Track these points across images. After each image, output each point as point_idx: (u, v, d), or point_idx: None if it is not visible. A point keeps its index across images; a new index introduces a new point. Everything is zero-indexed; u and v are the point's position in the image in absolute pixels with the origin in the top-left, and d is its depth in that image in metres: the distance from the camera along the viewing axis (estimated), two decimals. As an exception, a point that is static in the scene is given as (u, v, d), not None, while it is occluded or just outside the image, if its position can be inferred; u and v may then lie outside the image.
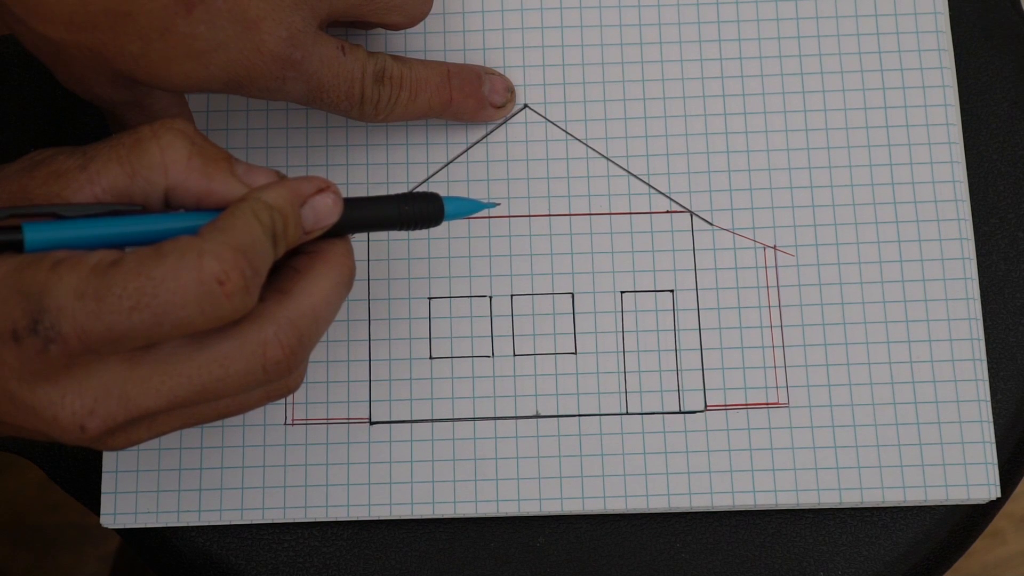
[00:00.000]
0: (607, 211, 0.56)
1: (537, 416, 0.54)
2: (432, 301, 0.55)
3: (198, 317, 0.41)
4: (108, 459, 0.54)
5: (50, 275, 0.40)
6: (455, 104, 0.55)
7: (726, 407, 0.54)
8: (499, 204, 0.55)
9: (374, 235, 0.56)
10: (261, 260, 0.42)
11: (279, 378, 0.44)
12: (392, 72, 0.53)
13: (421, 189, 0.56)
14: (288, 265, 0.45)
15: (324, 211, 0.45)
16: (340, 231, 0.46)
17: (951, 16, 0.59)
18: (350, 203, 0.46)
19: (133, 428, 0.43)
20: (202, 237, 0.41)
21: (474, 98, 0.56)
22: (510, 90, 0.57)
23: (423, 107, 0.54)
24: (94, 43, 0.46)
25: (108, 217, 0.42)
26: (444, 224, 0.56)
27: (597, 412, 0.54)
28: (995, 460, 0.54)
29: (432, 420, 0.54)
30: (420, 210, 0.48)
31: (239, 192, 0.44)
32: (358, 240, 0.56)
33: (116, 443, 0.43)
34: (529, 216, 0.56)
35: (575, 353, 0.55)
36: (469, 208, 0.50)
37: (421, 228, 0.48)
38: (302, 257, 0.45)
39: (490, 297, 0.55)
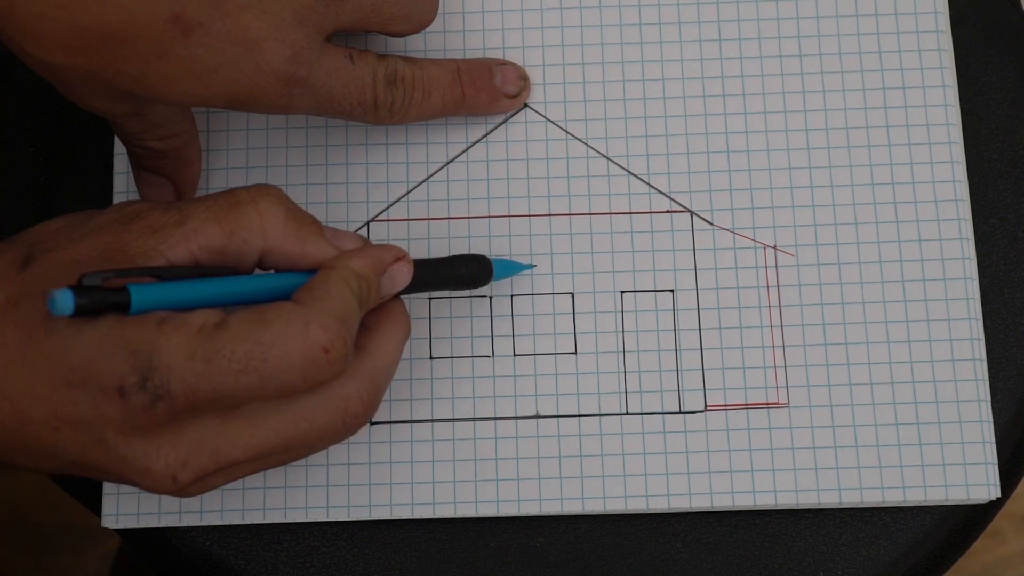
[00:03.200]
0: (607, 211, 0.56)
1: (537, 416, 0.54)
2: (432, 301, 0.55)
3: (300, 381, 0.42)
4: (108, 459, 0.54)
5: (158, 334, 0.41)
6: (468, 99, 0.55)
7: (726, 407, 0.54)
8: (536, 266, 0.56)
9: (373, 235, 0.56)
10: (355, 327, 0.44)
11: (356, 430, 0.46)
12: (404, 74, 0.53)
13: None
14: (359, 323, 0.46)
15: (400, 279, 0.47)
16: (402, 292, 0.48)
17: (951, 16, 0.59)
18: (415, 266, 0.49)
19: (214, 477, 0.44)
20: (305, 306, 0.43)
21: (487, 91, 0.56)
22: (523, 77, 0.57)
23: (437, 105, 0.54)
24: (92, 66, 0.46)
25: (207, 279, 0.44)
26: (444, 224, 0.56)
27: (597, 412, 0.54)
28: (995, 460, 0.54)
29: (432, 420, 0.54)
30: (473, 271, 0.52)
31: (330, 254, 0.46)
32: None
33: (195, 491, 0.44)
34: (529, 216, 0.56)
35: (575, 353, 0.55)
36: (512, 269, 0.55)
37: (471, 288, 0.52)
38: (369, 316, 0.47)
39: (490, 297, 0.55)
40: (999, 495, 0.54)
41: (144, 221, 0.44)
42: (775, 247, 0.56)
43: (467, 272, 0.52)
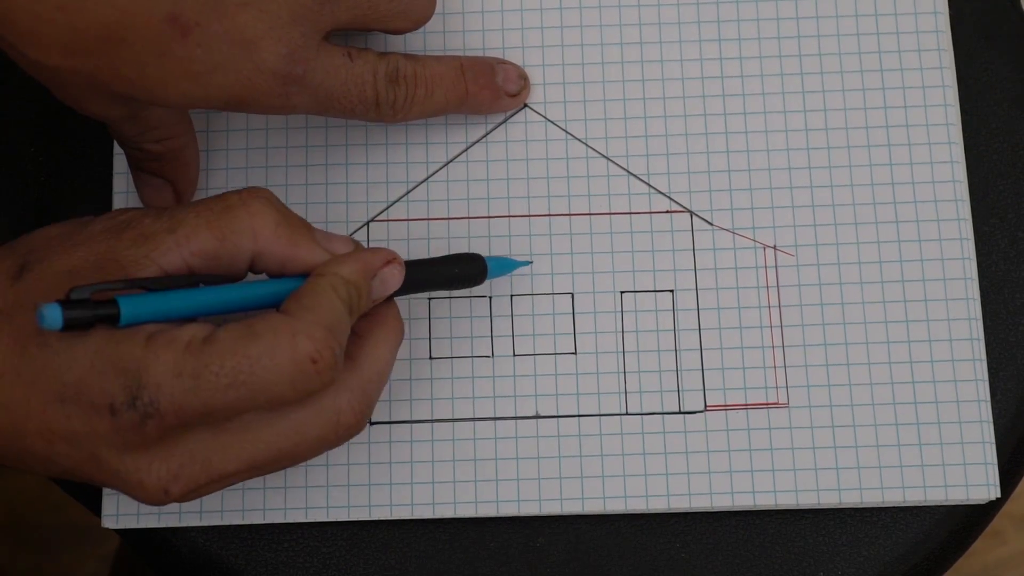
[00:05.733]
0: (607, 211, 0.56)
1: (537, 416, 0.54)
2: (432, 301, 0.55)
3: (290, 393, 0.42)
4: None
5: (146, 351, 0.41)
6: (471, 97, 0.55)
7: (726, 407, 0.54)
8: (532, 262, 0.56)
9: (373, 235, 0.56)
10: (344, 335, 0.44)
11: (349, 438, 0.46)
12: (406, 71, 0.53)
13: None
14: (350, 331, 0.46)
15: (391, 282, 0.47)
16: (395, 294, 0.48)
17: (951, 16, 0.59)
18: (407, 267, 0.49)
19: (206, 487, 0.44)
20: (293, 316, 0.43)
21: (489, 89, 0.56)
22: (523, 77, 0.57)
23: (440, 102, 0.54)
24: (89, 68, 0.46)
25: (195, 288, 0.44)
26: (444, 224, 0.56)
27: (597, 412, 0.54)
28: (995, 460, 0.54)
29: (432, 420, 0.54)
30: (468, 270, 0.51)
31: (322, 258, 0.46)
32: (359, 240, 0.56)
33: (187, 499, 0.45)
34: (529, 216, 0.56)
35: (575, 353, 0.55)
36: (507, 267, 0.54)
37: (467, 287, 0.52)
38: (360, 322, 0.47)
39: (490, 297, 0.55)
40: (999, 495, 0.54)
41: (136, 229, 0.44)
42: (775, 247, 0.56)
43: (461, 271, 0.51)
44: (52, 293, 0.43)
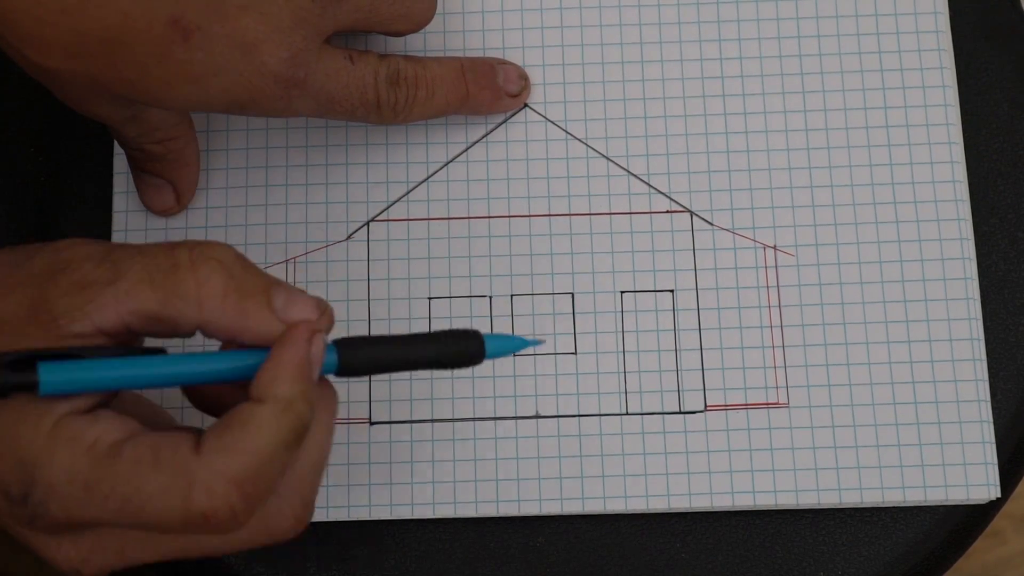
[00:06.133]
0: (607, 211, 0.56)
1: (537, 416, 0.54)
2: (432, 301, 0.55)
3: (182, 532, 0.40)
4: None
5: (47, 444, 0.39)
6: (472, 97, 0.55)
7: (726, 407, 0.54)
8: (544, 342, 0.53)
9: (373, 235, 0.56)
10: (270, 479, 0.40)
11: (290, 538, 0.43)
12: (407, 73, 0.53)
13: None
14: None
15: (320, 363, 0.42)
16: (372, 373, 0.43)
17: (951, 16, 0.59)
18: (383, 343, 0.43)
19: (124, 568, 0.43)
20: (201, 459, 0.39)
21: (490, 90, 0.56)
22: (524, 77, 0.57)
23: (441, 104, 0.54)
24: (91, 70, 0.46)
25: (127, 359, 0.40)
26: (444, 224, 0.56)
27: (597, 412, 0.54)
28: (995, 460, 0.54)
29: (432, 420, 0.54)
30: (459, 350, 0.44)
31: (275, 330, 0.41)
32: (358, 240, 0.56)
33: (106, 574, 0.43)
34: (529, 216, 0.56)
35: (575, 353, 0.55)
36: (512, 346, 0.46)
37: (460, 367, 0.44)
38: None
39: (490, 297, 0.55)
40: (999, 495, 0.54)
41: (75, 273, 0.41)
42: (775, 247, 0.56)
43: (449, 352, 0.44)
44: None
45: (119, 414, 0.41)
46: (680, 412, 0.54)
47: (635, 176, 0.57)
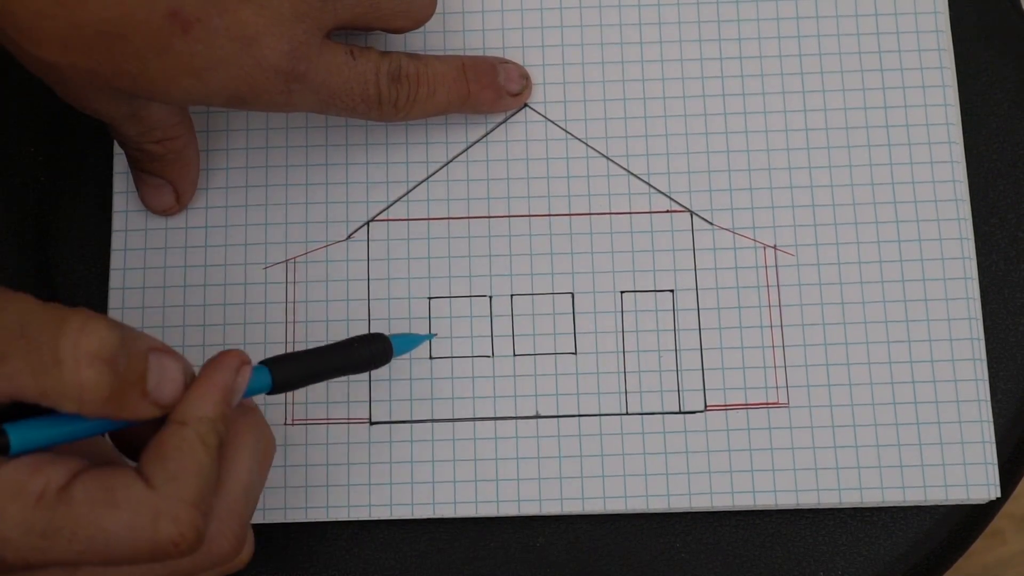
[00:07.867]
0: (607, 211, 0.56)
1: (537, 416, 0.54)
2: (432, 301, 0.55)
3: (148, 562, 0.40)
4: (108, 459, 0.54)
5: None
6: (473, 96, 0.55)
7: (726, 407, 0.54)
8: (436, 335, 0.55)
9: (373, 235, 0.56)
10: (211, 492, 0.41)
11: (231, 562, 0.43)
12: (408, 70, 0.52)
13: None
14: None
15: (243, 388, 0.43)
16: (288, 388, 0.45)
17: (951, 16, 0.59)
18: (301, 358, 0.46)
19: None
20: (156, 491, 0.40)
21: (491, 88, 0.55)
22: (525, 76, 0.57)
23: (442, 102, 0.54)
24: (90, 64, 0.46)
25: (48, 419, 0.40)
26: (444, 223, 0.56)
27: (597, 412, 0.54)
28: (995, 460, 0.54)
29: (432, 420, 0.54)
30: (368, 353, 0.48)
31: (149, 415, 0.41)
32: (358, 240, 0.56)
33: None
34: (529, 216, 0.56)
35: (575, 353, 0.55)
36: (411, 343, 0.51)
37: (371, 368, 0.49)
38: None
39: (490, 297, 0.55)
40: (999, 495, 0.54)
41: None
42: (775, 247, 0.56)
43: (359, 355, 0.48)
44: None
45: (56, 455, 0.40)
46: (680, 412, 0.54)
47: (635, 176, 0.57)
